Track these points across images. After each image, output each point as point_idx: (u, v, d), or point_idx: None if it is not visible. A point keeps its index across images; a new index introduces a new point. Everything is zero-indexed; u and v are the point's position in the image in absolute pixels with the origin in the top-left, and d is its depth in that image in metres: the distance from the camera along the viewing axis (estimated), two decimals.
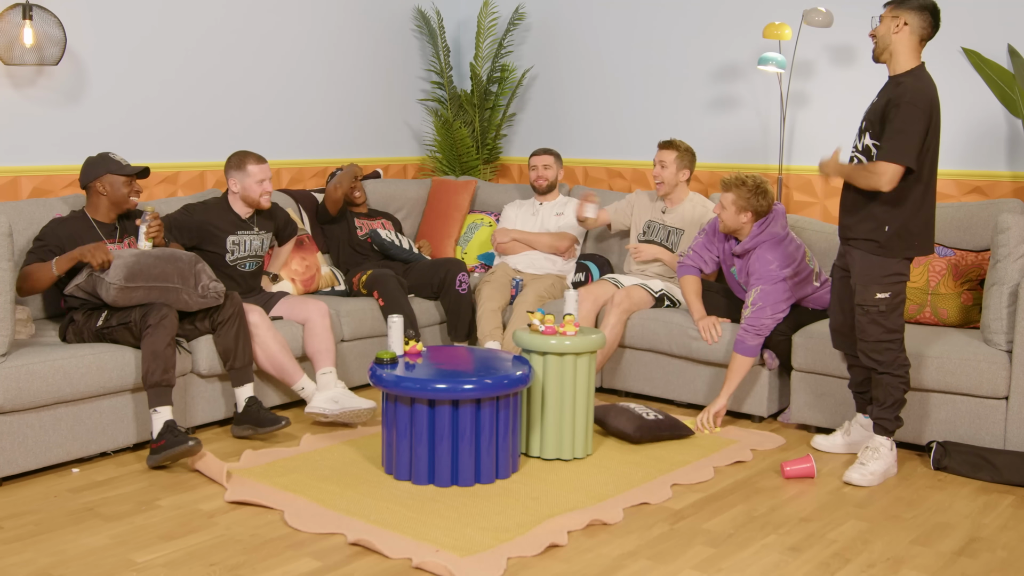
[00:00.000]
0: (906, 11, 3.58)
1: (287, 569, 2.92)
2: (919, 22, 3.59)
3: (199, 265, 4.01)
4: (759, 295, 4.26)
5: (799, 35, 5.18)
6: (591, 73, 6.14)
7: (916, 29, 3.59)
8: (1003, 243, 3.96)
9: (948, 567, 3.01)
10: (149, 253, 3.92)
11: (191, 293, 3.93)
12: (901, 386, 3.69)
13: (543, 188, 5.47)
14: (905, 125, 3.47)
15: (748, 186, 4.31)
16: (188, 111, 5.22)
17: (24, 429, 3.60)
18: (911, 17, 3.58)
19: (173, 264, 3.92)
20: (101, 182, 4.07)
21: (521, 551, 3.02)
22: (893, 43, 3.61)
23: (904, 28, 3.58)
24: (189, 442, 3.64)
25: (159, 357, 3.74)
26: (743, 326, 4.27)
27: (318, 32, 5.83)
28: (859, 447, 3.94)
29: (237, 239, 4.50)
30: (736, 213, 4.34)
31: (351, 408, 4.20)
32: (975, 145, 4.82)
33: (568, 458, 3.91)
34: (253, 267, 4.58)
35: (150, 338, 3.76)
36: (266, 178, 4.49)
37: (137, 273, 3.82)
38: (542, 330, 3.92)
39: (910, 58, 3.62)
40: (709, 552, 3.09)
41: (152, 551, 3.04)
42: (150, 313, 3.81)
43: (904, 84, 3.56)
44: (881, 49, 3.65)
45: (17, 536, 3.14)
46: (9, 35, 4.38)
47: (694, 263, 4.61)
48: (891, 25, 3.60)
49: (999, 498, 3.61)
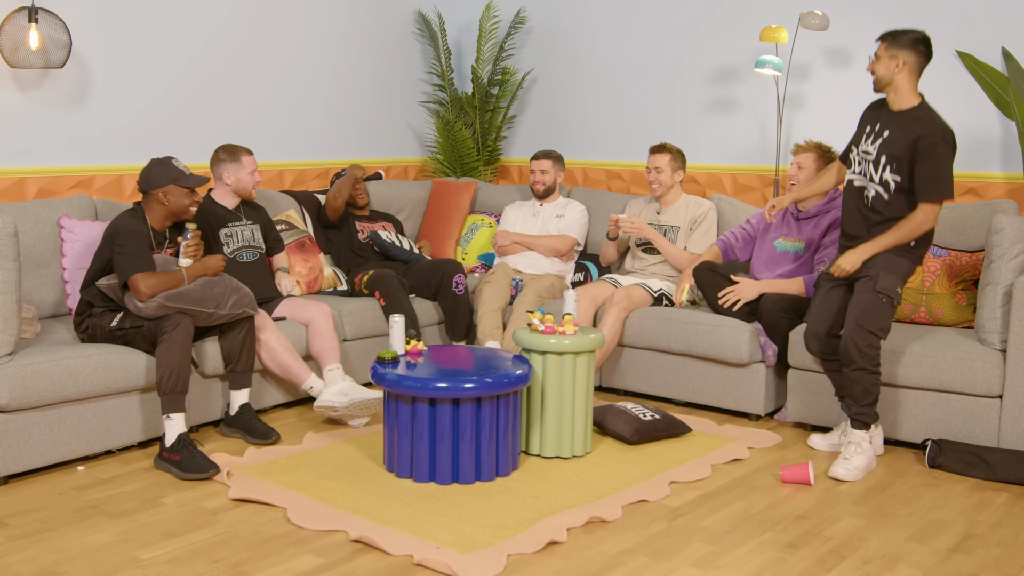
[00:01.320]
0: (902, 50, 3.71)
1: (289, 566, 2.91)
2: (916, 59, 3.73)
3: (233, 284, 4.00)
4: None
5: (795, 38, 5.18)
6: (590, 76, 6.14)
7: (914, 66, 3.74)
8: (997, 243, 3.95)
9: (943, 564, 3.01)
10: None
11: (221, 316, 3.93)
12: (878, 382, 3.77)
13: (540, 192, 5.46)
14: (942, 163, 3.64)
15: (823, 148, 4.51)
16: (193, 114, 5.22)
17: (30, 427, 3.60)
18: (908, 55, 3.71)
19: (211, 290, 3.89)
20: (164, 191, 3.96)
21: (521, 548, 3.02)
22: (895, 81, 3.75)
23: (904, 67, 3.72)
24: (209, 471, 3.60)
25: (174, 364, 3.70)
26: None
27: (321, 35, 5.83)
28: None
29: (229, 231, 4.50)
30: (814, 172, 4.49)
31: (360, 399, 4.17)
32: (969, 147, 4.82)
33: (567, 456, 3.90)
34: (252, 257, 4.55)
35: (165, 345, 3.72)
36: (256, 169, 4.58)
37: (177, 296, 3.79)
38: (542, 329, 3.92)
39: (914, 91, 3.77)
40: (707, 549, 3.08)
41: (156, 548, 3.03)
42: (165, 320, 3.77)
43: (924, 120, 3.69)
44: (883, 85, 3.79)
45: (23, 533, 3.14)
46: (15, 38, 4.38)
47: (721, 242, 4.82)
48: (890, 65, 3.73)
49: (993, 496, 3.60)
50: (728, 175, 5.57)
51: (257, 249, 4.59)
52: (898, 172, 3.71)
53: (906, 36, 3.71)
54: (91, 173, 4.82)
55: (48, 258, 4.26)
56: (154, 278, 3.78)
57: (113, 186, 4.89)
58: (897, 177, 3.71)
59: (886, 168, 3.74)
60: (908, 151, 3.68)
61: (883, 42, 3.76)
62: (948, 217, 4.44)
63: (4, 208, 4.19)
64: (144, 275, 3.77)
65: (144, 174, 3.98)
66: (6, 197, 4.53)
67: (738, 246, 4.80)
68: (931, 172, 3.64)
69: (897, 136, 3.72)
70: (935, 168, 3.64)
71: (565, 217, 5.40)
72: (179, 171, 3.97)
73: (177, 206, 3.99)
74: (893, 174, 3.72)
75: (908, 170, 3.70)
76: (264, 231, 4.68)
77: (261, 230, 4.66)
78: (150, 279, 3.77)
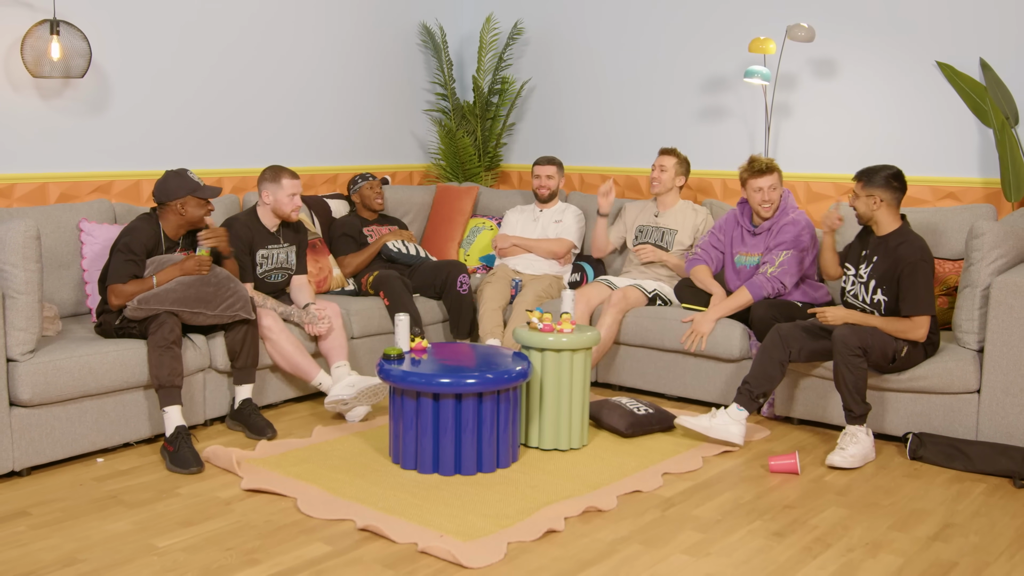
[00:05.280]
0: (877, 188, 3.88)
1: (300, 553, 2.91)
2: (891, 195, 3.88)
3: (231, 287, 3.96)
4: (788, 258, 4.40)
5: (783, 49, 5.18)
6: (586, 85, 6.14)
7: (891, 201, 3.89)
8: (977, 248, 3.95)
9: (923, 551, 3.01)
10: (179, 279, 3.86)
11: (209, 316, 3.91)
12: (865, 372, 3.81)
13: (544, 197, 5.46)
14: (924, 282, 3.81)
15: (778, 170, 4.50)
16: (209, 122, 5.21)
17: (52, 421, 3.60)
18: (884, 193, 3.88)
19: (197, 290, 3.86)
20: (182, 203, 3.94)
21: (521, 536, 3.02)
22: (875, 216, 3.92)
23: (881, 204, 3.89)
24: (191, 467, 3.59)
25: (162, 359, 3.70)
26: (768, 275, 4.38)
27: (331, 48, 5.83)
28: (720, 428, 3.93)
29: (267, 252, 4.44)
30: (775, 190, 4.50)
31: (366, 386, 4.15)
32: (949, 153, 4.82)
33: (565, 448, 3.90)
34: (281, 278, 4.52)
35: (152, 341, 3.73)
36: (297, 193, 4.42)
37: (151, 298, 3.77)
38: (540, 328, 3.92)
39: (894, 219, 3.92)
40: (698, 537, 3.09)
41: (172, 536, 3.03)
42: (151, 320, 3.77)
43: (906, 244, 3.85)
44: (865, 220, 3.96)
45: (45, 522, 3.14)
46: (37, 49, 4.38)
47: (701, 257, 4.73)
48: (869, 203, 3.90)
49: (971, 486, 3.60)
50: (718, 180, 5.56)
51: (288, 271, 4.55)
52: (887, 293, 3.88)
53: (879, 175, 3.88)
54: (110, 178, 4.82)
55: (69, 259, 4.26)
56: (128, 288, 3.80)
57: (131, 191, 4.88)
58: (886, 298, 3.89)
59: (876, 291, 3.92)
60: (892, 272, 3.85)
61: (859, 182, 3.93)
62: (929, 222, 4.45)
63: (27, 212, 4.19)
64: (117, 286, 3.80)
65: (160, 186, 3.96)
66: (29, 201, 4.53)
67: (713, 265, 4.74)
68: (914, 292, 3.80)
69: (883, 260, 3.90)
70: (917, 288, 3.80)
71: (563, 222, 5.40)
72: (195, 183, 3.96)
73: (193, 216, 3.99)
74: (883, 295, 3.89)
75: (895, 291, 3.86)
76: (297, 253, 4.61)
77: (295, 251, 4.60)
78: (125, 289, 3.80)
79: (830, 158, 5.19)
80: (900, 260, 3.82)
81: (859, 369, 3.76)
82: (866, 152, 5.05)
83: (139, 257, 3.87)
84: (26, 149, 4.52)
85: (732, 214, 4.69)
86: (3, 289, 3.48)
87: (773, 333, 4.00)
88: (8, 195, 4.47)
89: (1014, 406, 3.76)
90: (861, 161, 5.10)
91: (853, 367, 3.75)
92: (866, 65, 5.04)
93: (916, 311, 3.80)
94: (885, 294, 3.90)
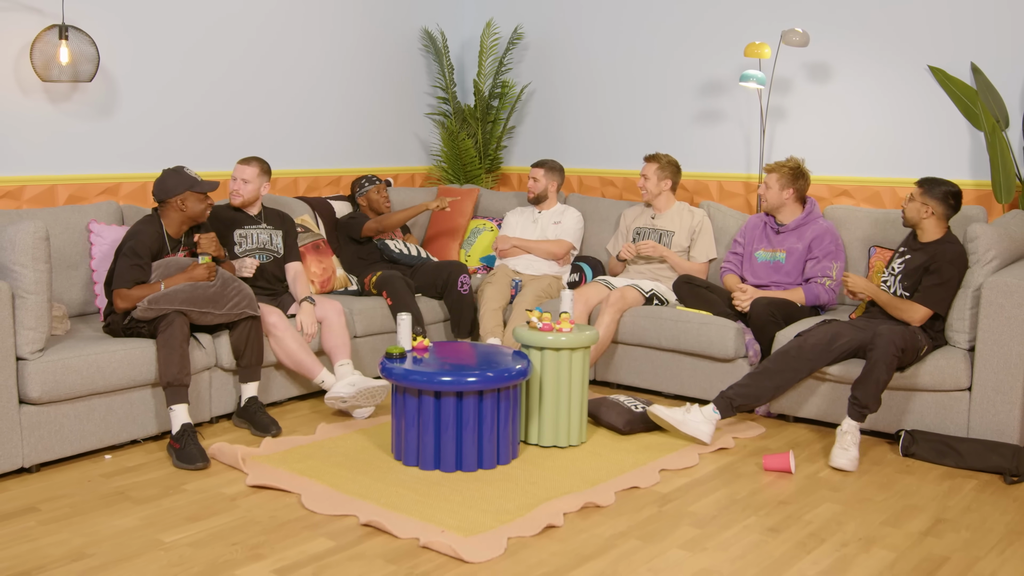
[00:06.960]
0: (933, 200, 3.95)
1: (303, 548, 2.91)
2: (943, 209, 3.96)
3: (235, 285, 3.98)
4: (839, 270, 4.50)
5: (778, 54, 5.18)
6: (585, 89, 6.14)
7: (941, 215, 3.97)
8: (972, 251, 3.97)
9: (916, 546, 3.01)
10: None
11: (217, 316, 3.92)
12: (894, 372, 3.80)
13: (530, 198, 5.48)
14: (948, 282, 3.87)
15: (789, 166, 4.58)
16: (217, 127, 5.21)
17: (60, 419, 3.60)
18: (938, 207, 3.95)
19: (204, 291, 3.87)
20: (182, 199, 3.97)
21: (520, 531, 3.02)
22: (922, 223, 3.99)
23: (931, 215, 3.96)
24: (197, 463, 3.60)
25: (171, 358, 3.70)
26: (827, 287, 4.47)
27: (336, 55, 5.83)
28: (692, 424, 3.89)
29: (244, 232, 4.50)
30: (779, 191, 4.59)
31: (367, 387, 4.16)
32: (941, 156, 4.82)
33: (564, 445, 3.91)
34: (266, 259, 4.54)
35: (161, 342, 3.73)
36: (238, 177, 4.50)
37: (161, 298, 3.78)
38: (540, 327, 3.92)
39: (940, 230, 3.99)
40: (694, 532, 3.09)
41: (178, 532, 3.04)
42: (160, 319, 3.77)
43: (948, 244, 3.93)
44: (910, 224, 4.03)
45: (53, 518, 3.14)
46: (46, 54, 4.38)
47: (728, 268, 4.86)
48: (921, 210, 3.97)
49: (963, 482, 3.60)
50: (715, 182, 5.57)
51: (273, 252, 4.58)
52: (909, 290, 3.96)
53: (939, 188, 3.93)
54: (118, 180, 4.82)
55: (77, 260, 4.26)
56: (134, 292, 3.80)
57: (139, 192, 4.88)
58: (907, 294, 3.97)
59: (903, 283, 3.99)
60: (922, 266, 3.93)
61: (920, 188, 3.97)
62: None
63: (36, 213, 4.19)
64: (123, 291, 3.81)
65: (160, 184, 3.98)
66: (38, 203, 4.53)
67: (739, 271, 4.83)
68: (932, 285, 3.87)
69: (917, 257, 3.98)
70: (937, 283, 3.86)
71: (562, 223, 5.41)
72: (193, 178, 3.99)
73: (194, 211, 4.01)
74: (904, 292, 3.98)
75: (917, 283, 3.93)
76: (284, 237, 4.64)
77: (282, 236, 4.63)
78: (131, 294, 3.80)
79: (824, 160, 5.20)
80: (935, 256, 3.90)
81: (893, 368, 3.74)
82: (860, 155, 5.06)
83: (144, 261, 3.88)
84: (35, 152, 4.52)
85: (757, 216, 4.79)
86: (13, 289, 3.48)
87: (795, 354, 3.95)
88: (18, 197, 4.47)
89: (1004, 404, 3.76)
90: (855, 164, 5.11)
91: (891, 366, 3.72)
92: (860, 69, 5.05)
93: (924, 300, 3.86)
94: (907, 290, 3.97)
